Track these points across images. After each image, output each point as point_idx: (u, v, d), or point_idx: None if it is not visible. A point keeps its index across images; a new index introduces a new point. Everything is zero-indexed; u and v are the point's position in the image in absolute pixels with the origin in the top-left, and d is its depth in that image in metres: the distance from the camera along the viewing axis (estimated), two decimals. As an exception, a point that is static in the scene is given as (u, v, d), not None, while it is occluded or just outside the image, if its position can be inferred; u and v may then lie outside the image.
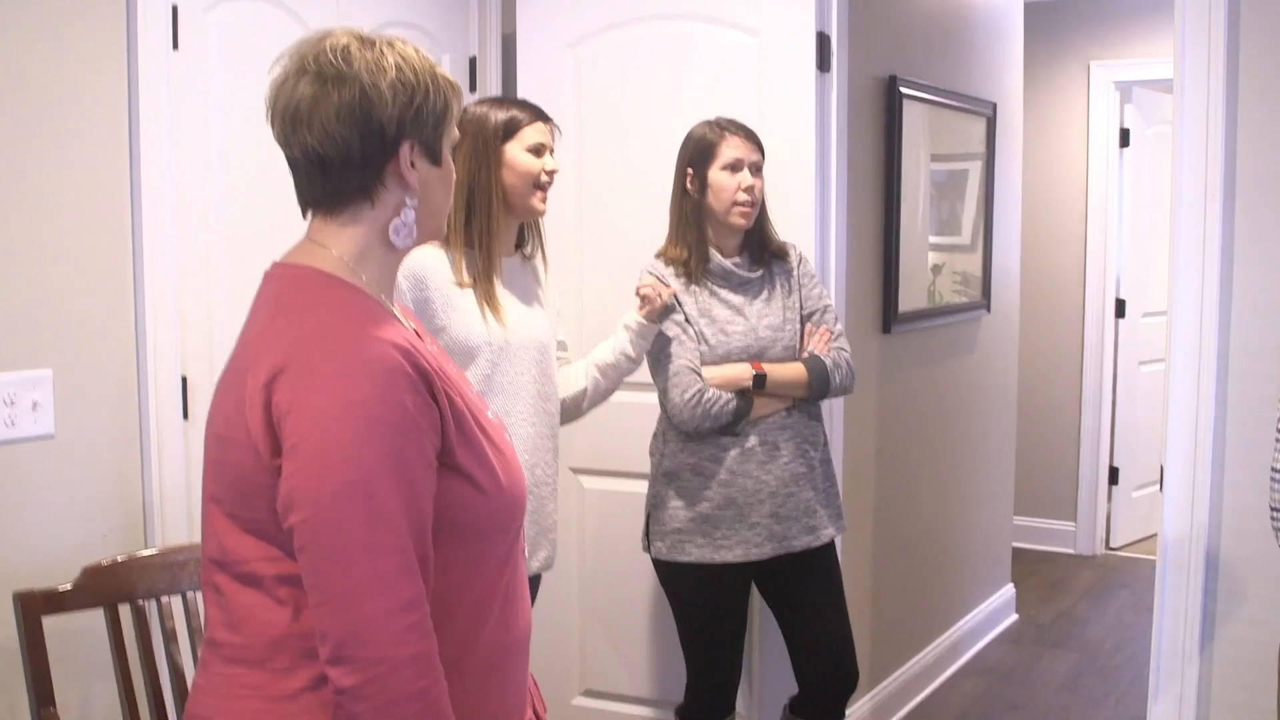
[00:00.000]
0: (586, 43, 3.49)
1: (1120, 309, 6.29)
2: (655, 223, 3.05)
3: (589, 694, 3.68)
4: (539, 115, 2.62)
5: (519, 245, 2.72)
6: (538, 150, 2.59)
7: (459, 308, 2.52)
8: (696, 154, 2.92)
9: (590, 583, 3.63)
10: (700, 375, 2.85)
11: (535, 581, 2.70)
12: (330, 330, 1.48)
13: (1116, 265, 6.28)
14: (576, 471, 3.62)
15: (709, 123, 2.94)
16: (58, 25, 2.56)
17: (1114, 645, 4.99)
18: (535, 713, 1.79)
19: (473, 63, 3.67)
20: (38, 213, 2.53)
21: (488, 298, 2.54)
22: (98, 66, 2.65)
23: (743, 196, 2.87)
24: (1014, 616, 5.31)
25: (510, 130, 2.57)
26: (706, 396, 2.82)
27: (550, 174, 2.62)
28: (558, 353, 2.81)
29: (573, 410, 2.85)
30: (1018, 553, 5.95)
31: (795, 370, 2.91)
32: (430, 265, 2.52)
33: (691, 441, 2.89)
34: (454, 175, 1.66)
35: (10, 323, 2.50)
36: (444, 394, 1.51)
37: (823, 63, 3.26)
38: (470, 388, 1.73)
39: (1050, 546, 6.38)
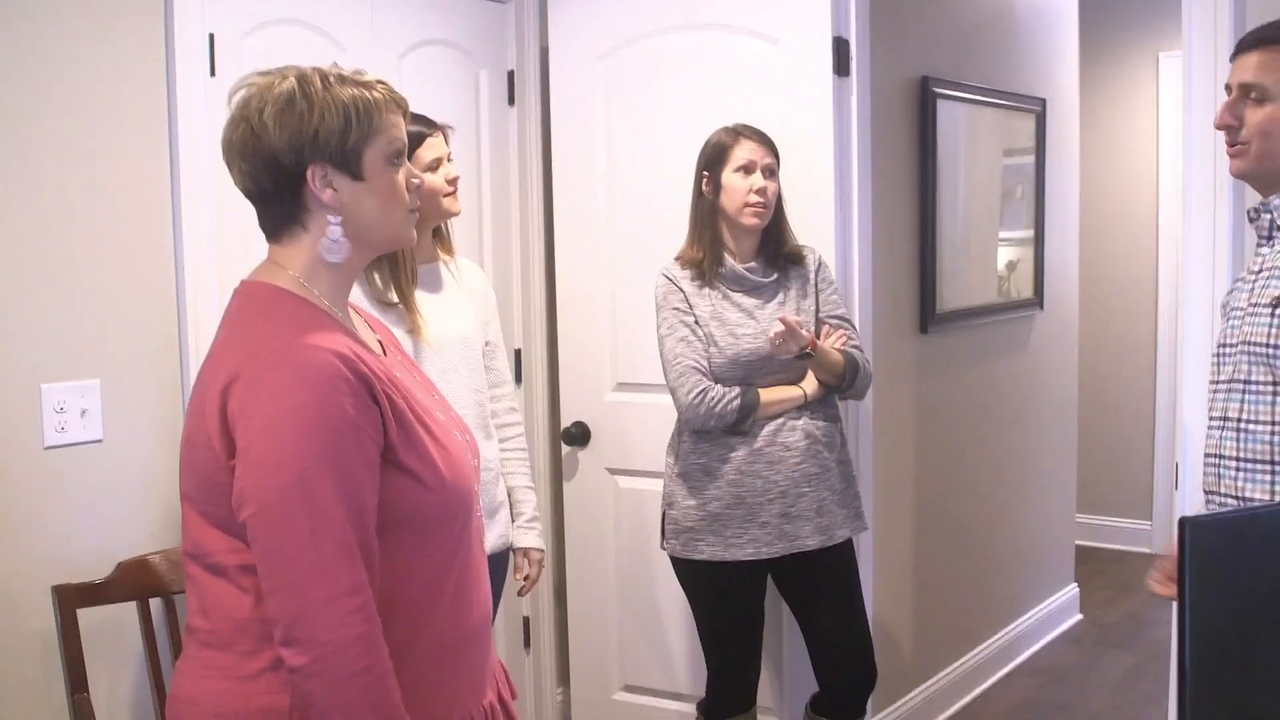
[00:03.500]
0: (614, 55, 3.59)
1: (1195, 304, 6.19)
2: (681, 227, 3.14)
3: (628, 689, 3.77)
4: (428, 127, 2.75)
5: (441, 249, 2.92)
6: (434, 166, 2.73)
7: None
8: (711, 157, 3.02)
9: (627, 580, 3.73)
10: (706, 374, 2.93)
11: (498, 560, 2.86)
12: (275, 341, 1.62)
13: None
14: (612, 472, 3.72)
15: (725, 128, 3.04)
16: (97, 52, 2.72)
17: (1179, 644, 4.94)
18: (501, 697, 1.90)
19: (510, 76, 3.79)
20: (83, 231, 2.70)
21: (410, 312, 2.70)
22: (138, 92, 2.81)
23: (754, 198, 2.96)
24: (1078, 617, 5.28)
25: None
26: (711, 395, 2.90)
27: (452, 181, 2.78)
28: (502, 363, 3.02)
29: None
30: (1090, 552, 5.92)
31: (835, 355, 2.98)
32: None
33: (703, 442, 2.97)
34: (395, 184, 1.73)
35: (60, 336, 2.67)
36: (385, 396, 1.64)
37: (840, 67, 3.31)
38: (429, 390, 1.86)
39: (1126, 546, 6.30)
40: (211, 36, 2.95)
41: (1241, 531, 1.12)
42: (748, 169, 2.98)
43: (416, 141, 2.68)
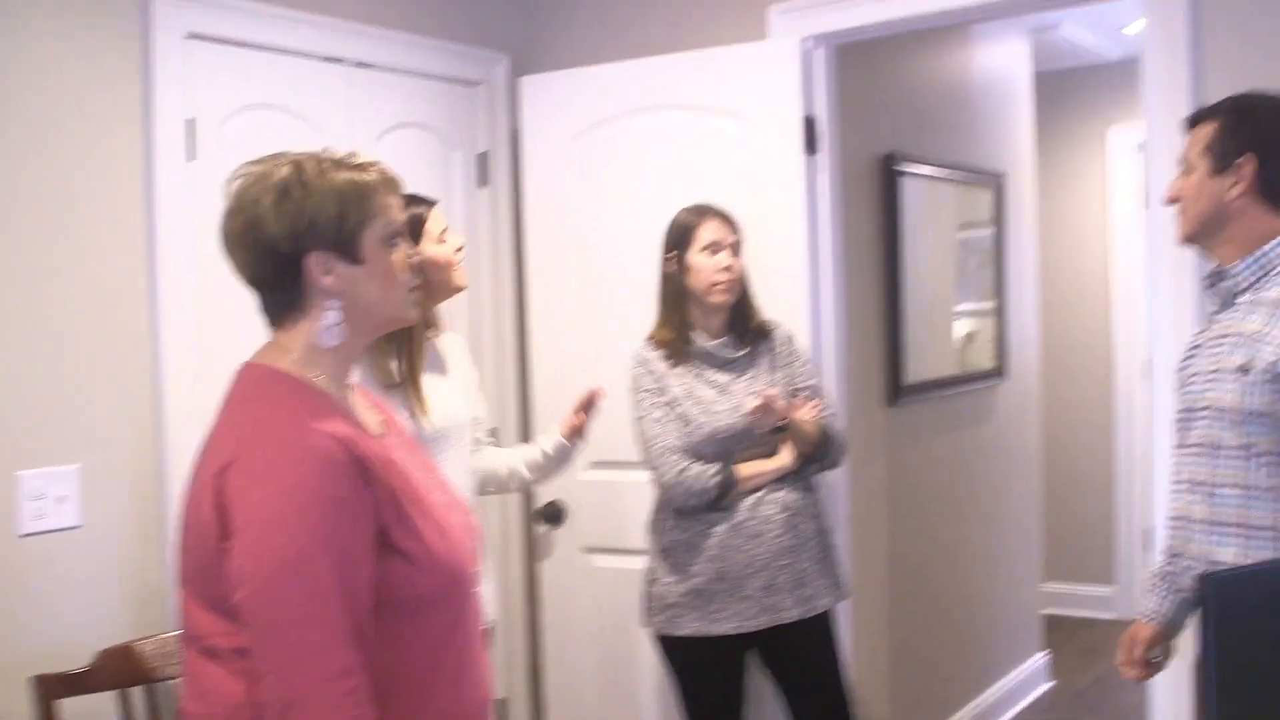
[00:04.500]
0: (586, 135, 3.64)
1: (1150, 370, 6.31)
2: (653, 304, 3.17)
3: (609, 768, 3.74)
4: (428, 203, 2.78)
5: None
6: (443, 237, 2.76)
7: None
8: (677, 238, 3.06)
9: (606, 660, 3.70)
10: (684, 453, 2.95)
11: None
12: (273, 424, 1.64)
13: (1146, 326, 6.30)
14: (588, 550, 3.71)
15: (688, 208, 3.09)
16: (76, 138, 2.74)
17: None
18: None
19: (482, 158, 3.83)
20: (61, 316, 2.70)
21: (416, 396, 2.68)
22: (117, 176, 2.82)
23: (721, 276, 3.00)
24: (1049, 684, 5.29)
25: (416, 230, 2.68)
26: (690, 473, 2.93)
27: (459, 250, 2.81)
28: (479, 432, 3.00)
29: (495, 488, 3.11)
30: (1057, 620, 5.95)
31: (810, 427, 3.01)
32: None
33: (684, 518, 2.99)
34: (394, 265, 1.76)
35: (39, 422, 2.65)
36: (379, 479, 1.65)
37: (810, 145, 3.38)
38: (429, 471, 1.87)
39: (1090, 612, 6.33)
40: (191, 121, 2.97)
41: (1262, 584, 1.14)
42: (714, 248, 3.02)
43: (422, 218, 2.72)
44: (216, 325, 3.00)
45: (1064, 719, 4.90)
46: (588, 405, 3.01)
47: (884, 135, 4.04)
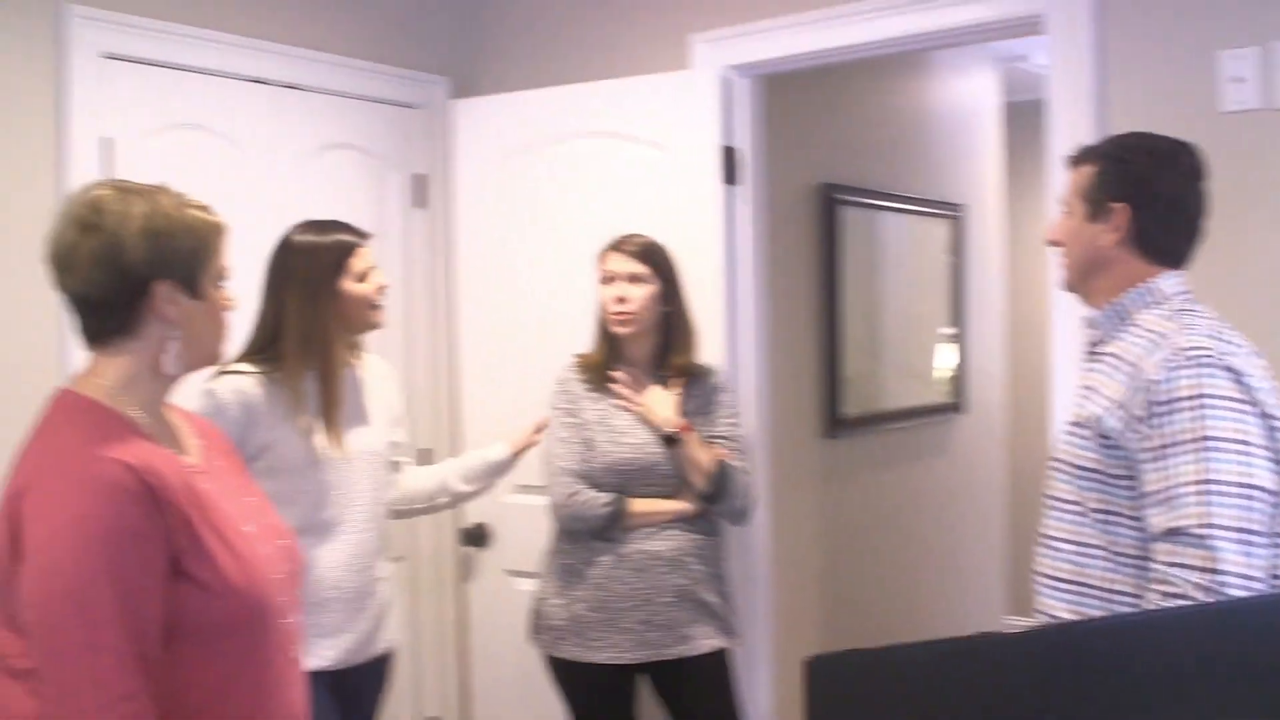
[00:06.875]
0: (514, 160, 3.65)
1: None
2: (583, 329, 3.17)
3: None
4: (359, 237, 2.75)
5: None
6: (364, 275, 2.73)
7: (284, 431, 2.64)
8: (596, 267, 3.08)
9: (532, 680, 3.66)
10: (580, 477, 2.95)
11: (378, 665, 2.84)
12: (66, 450, 1.68)
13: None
14: (511, 574, 3.71)
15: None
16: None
17: None
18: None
19: (419, 180, 3.85)
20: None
21: (331, 426, 2.68)
22: (29, 198, 2.86)
23: (614, 307, 3.00)
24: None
25: (341, 262, 2.69)
26: (580, 498, 2.93)
27: (381, 289, 2.77)
28: (399, 456, 2.98)
29: (423, 506, 3.08)
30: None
31: (704, 455, 2.97)
32: (251, 395, 2.61)
33: (572, 543, 3.00)
34: (222, 307, 1.85)
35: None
36: (173, 506, 1.68)
37: (730, 176, 3.38)
38: (241, 496, 1.89)
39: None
40: (108, 140, 3.00)
41: (869, 672, 1.12)
42: (609, 279, 3.03)
43: (348, 250, 2.71)
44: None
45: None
46: (541, 428, 3.06)
47: (824, 165, 4.03)
